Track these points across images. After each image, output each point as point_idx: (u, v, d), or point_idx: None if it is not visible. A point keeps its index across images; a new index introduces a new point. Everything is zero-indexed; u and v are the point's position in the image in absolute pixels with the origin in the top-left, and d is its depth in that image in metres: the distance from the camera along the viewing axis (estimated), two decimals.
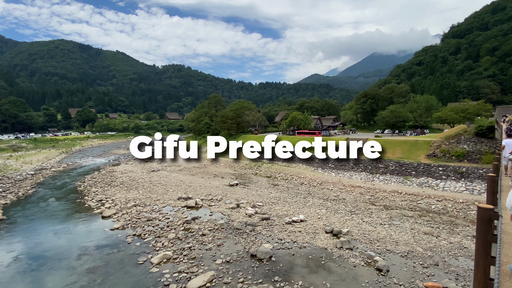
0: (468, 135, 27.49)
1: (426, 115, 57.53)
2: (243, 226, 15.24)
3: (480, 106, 51.60)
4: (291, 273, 10.79)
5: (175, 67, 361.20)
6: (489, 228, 2.63)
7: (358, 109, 75.81)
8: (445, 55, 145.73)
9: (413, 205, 19.79)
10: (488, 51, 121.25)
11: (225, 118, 56.41)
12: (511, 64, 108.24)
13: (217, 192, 23.45)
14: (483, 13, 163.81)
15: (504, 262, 3.53)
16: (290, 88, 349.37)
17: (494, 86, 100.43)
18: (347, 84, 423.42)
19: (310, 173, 30.25)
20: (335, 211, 18.46)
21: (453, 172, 23.75)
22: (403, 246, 13.02)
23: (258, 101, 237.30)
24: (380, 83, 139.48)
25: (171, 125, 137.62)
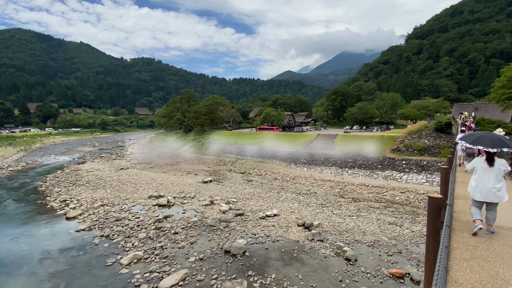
0: (429, 130, 29.51)
1: (391, 111, 60.76)
2: (217, 223, 15.18)
3: (439, 103, 55.52)
4: (265, 267, 10.96)
5: (145, 61, 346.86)
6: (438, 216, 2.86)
7: (328, 106, 78.23)
8: (409, 55, 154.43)
9: (379, 197, 20.92)
10: (447, 52, 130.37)
11: (198, 114, 55.41)
12: (467, 64, 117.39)
13: (190, 189, 23.07)
14: (443, 16, 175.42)
15: (454, 247, 3.87)
16: (264, 84, 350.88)
17: (452, 85, 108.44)
18: (318, 82, 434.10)
19: (284, 168, 30.77)
20: (307, 204, 18.98)
21: (415, 165, 25.40)
22: (370, 236, 13.72)
23: (232, 97, 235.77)
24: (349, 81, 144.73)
25: (141, 121, 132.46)
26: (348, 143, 33.08)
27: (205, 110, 56.31)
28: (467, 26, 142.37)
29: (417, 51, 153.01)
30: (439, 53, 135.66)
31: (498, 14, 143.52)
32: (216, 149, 43.38)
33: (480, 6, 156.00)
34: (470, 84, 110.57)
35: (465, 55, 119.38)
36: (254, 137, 44.37)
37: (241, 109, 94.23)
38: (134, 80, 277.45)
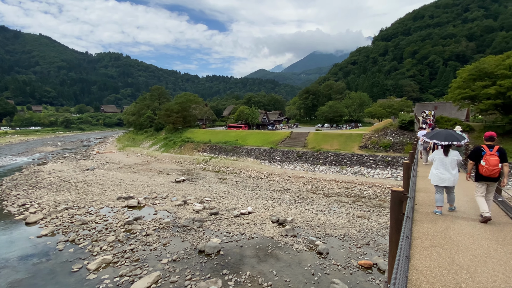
0: (393, 128, 31.24)
1: (359, 110, 63.46)
2: (191, 223, 14.94)
3: (403, 102, 58.98)
4: (240, 265, 10.99)
5: (112, 55, 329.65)
6: (400, 208, 3.07)
7: (301, 105, 79.92)
8: (375, 56, 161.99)
9: (349, 192, 21.81)
10: (410, 54, 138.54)
11: (170, 111, 53.91)
12: (428, 66, 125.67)
13: (162, 189, 22.45)
14: (406, 19, 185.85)
15: (415, 237, 4.17)
16: (238, 82, 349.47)
17: (414, 85, 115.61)
18: (291, 80, 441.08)
19: (258, 166, 30.97)
20: (281, 201, 19.29)
21: (381, 161, 26.79)
22: (340, 229, 14.27)
23: (205, 95, 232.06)
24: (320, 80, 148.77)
25: (108, 119, 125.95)
26: (319, 140, 34.05)
27: (177, 107, 54.92)
28: (428, 30, 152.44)
29: (383, 52, 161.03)
30: (402, 54, 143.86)
31: (455, 19, 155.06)
32: (189, 148, 42.57)
33: (439, 12, 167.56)
34: (430, 84, 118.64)
35: (426, 57, 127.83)
36: (228, 135, 44.14)
37: (215, 107, 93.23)
38: (101, 76, 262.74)
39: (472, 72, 26.72)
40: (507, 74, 23.84)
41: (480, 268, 3.39)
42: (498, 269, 3.38)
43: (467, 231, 4.52)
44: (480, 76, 26.16)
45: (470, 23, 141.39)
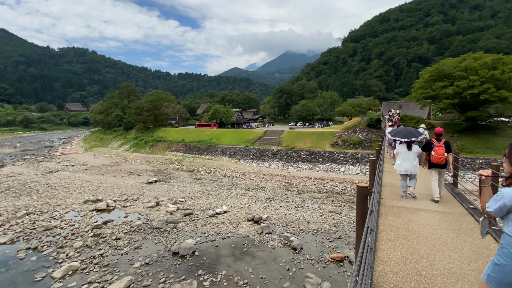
0: (362, 126, 32.64)
1: (330, 109, 65.52)
2: (164, 225, 14.58)
3: (370, 101, 61.83)
4: (215, 265, 10.93)
5: (77, 51, 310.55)
6: (365, 203, 3.25)
7: (275, 103, 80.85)
8: (345, 57, 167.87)
9: (321, 188, 22.50)
10: (377, 55, 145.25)
11: (141, 110, 51.99)
12: (393, 67, 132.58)
13: (132, 191, 21.64)
14: (374, 22, 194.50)
15: (381, 230, 4.42)
16: (212, 80, 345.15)
17: (381, 85, 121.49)
18: (265, 79, 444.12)
19: (233, 165, 30.90)
20: (256, 199, 19.43)
21: (351, 158, 27.90)
22: (313, 225, 14.69)
23: (178, 93, 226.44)
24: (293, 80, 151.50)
25: (73, 117, 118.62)
26: (293, 138, 34.70)
27: (148, 106, 53.08)
28: (393, 33, 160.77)
29: (352, 53, 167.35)
30: (370, 56, 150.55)
31: (417, 23, 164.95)
32: (162, 148, 41.41)
33: (403, 16, 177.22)
34: (395, 84, 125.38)
35: (392, 59, 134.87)
36: (203, 134, 43.54)
37: (188, 105, 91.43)
38: (64, 72, 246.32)
39: (433, 73, 28.65)
40: (463, 75, 25.86)
41: (438, 256, 3.69)
42: (454, 257, 3.70)
43: (427, 222, 4.88)
44: (439, 77, 28.12)
45: (431, 27, 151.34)
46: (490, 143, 25.36)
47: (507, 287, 1.92)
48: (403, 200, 6.35)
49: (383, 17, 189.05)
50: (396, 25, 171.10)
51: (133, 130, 55.04)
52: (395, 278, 3.18)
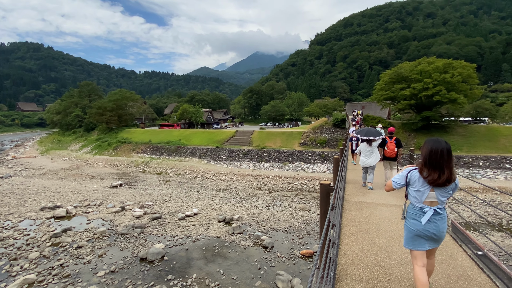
0: (328, 126, 33.94)
1: (299, 109, 67.27)
2: (130, 230, 13.97)
3: (336, 102, 64.51)
4: (186, 268, 10.73)
5: (30, 46, 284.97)
6: (328, 199, 3.44)
7: (245, 104, 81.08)
8: (312, 59, 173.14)
9: (291, 187, 23.02)
10: (341, 58, 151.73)
11: (103, 109, 49.21)
12: (356, 69, 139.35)
13: (95, 196, 20.44)
14: (338, 26, 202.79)
15: (344, 224, 4.68)
16: (180, 79, 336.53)
17: (345, 86, 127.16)
18: (235, 79, 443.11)
19: (203, 166, 30.46)
20: (227, 200, 19.36)
21: (318, 157, 28.89)
22: (283, 222, 14.99)
23: (143, 92, 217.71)
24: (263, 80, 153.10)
25: (27, 118, 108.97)
26: (263, 138, 35.08)
27: (111, 105, 50.38)
28: (356, 37, 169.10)
29: (318, 55, 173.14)
30: (335, 58, 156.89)
31: (378, 28, 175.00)
32: (127, 149, 39.57)
33: (365, 21, 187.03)
34: (358, 86, 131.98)
35: (355, 62, 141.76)
36: (171, 134, 42.34)
37: (155, 105, 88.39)
38: (16, 68, 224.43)
39: (392, 76, 30.65)
40: (419, 78, 27.99)
41: (396, 247, 3.99)
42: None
43: (386, 216, 5.25)
44: (398, 80, 30.16)
45: (390, 32, 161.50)
46: None
47: (414, 238, 2.91)
48: (365, 196, 6.75)
49: (347, 22, 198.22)
50: (359, 30, 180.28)
51: (95, 131, 51.94)
52: (357, 270, 3.39)
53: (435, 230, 2.80)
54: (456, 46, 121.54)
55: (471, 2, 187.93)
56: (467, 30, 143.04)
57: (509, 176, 22.23)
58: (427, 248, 2.86)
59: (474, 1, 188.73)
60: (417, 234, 2.87)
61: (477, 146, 26.33)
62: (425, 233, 2.82)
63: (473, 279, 3.28)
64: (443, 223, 2.83)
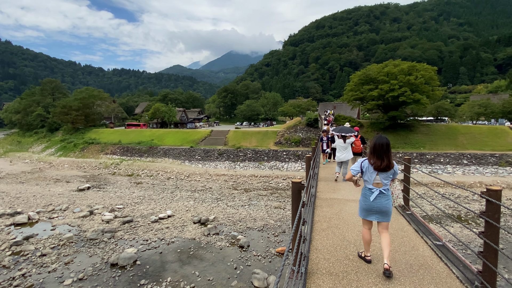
0: (302, 125, 34.70)
1: (273, 109, 68.08)
2: (99, 235, 13.36)
3: (309, 102, 66.07)
4: (160, 272, 10.47)
5: None
6: (299, 197, 3.56)
7: (220, 103, 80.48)
8: (286, 59, 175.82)
9: (266, 185, 23.27)
10: (314, 59, 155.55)
11: (68, 109, 46.44)
12: (328, 71, 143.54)
13: (60, 200, 19.28)
14: (310, 28, 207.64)
15: (316, 220, 4.85)
16: (152, 77, 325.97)
17: (318, 87, 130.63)
18: (209, 78, 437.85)
19: (177, 167, 29.82)
20: (203, 200, 19.14)
21: (293, 155, 29.45)
22: (259, 221, 15.13)
23: (112, 90, 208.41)
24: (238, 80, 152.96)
25: None
26: (239, 138, 35.07)
27: (77, 104, 47.66)
28: (328, 39, 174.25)
29: (292, 56, 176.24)
30: (308, 59, 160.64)
31: (348, 31, 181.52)
32: (95, 150, 37.69)
33: (336, 23, 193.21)
34: (330, 87, 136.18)
35: (327, 63, 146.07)
36: (142, 134, 40.95)
37: (125, 104, 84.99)
38: None
39: (361, 77, 31.99)
40: (386, 79, 29.47)
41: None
42: (375, 240, 4.27)
43: (355, 211, 5.51)
44: (366, 81, 31.54)
45: (359, 35, 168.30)
46: (408, 139, 29.48)
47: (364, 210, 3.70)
48: (336, 192, 7.02)
49: (319, 24, 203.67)
50: (330, 32, 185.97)
51: (60, 132, 48.88)
52: (327, 264, 3.54)
53: (380, 206, 3.63)
54: (419, 49, 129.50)
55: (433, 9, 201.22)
56: (429, 35, 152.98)
57: (466, 171, 24.14)
58: (374, 219, 3.68)
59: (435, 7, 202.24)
60: (366, 208, 3.70)
61: (438, 144, 28.29)
62: (372, 207, 3.66)
63: (433, 268, 3.56)
64: (386, 201, 3.64)
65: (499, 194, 3.32)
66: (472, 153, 25.79)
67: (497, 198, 3.29)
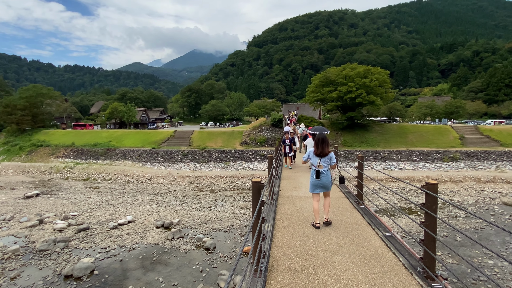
0: (267, 125, 35.29)
1: (239, 109, 68.23)
2: (51, 245, 12.33)
3: (273, 103, 67.34)
4: (121, 281, 9.98)
5: None
6: (259, 196, 3.70)
7: (184, 102, 78.52)
8: (250, 60, 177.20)
9: (233, 186, 23.28)
10: (278, 61, 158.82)
11: (12, 108, 41.92)
12: (291, 72, 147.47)
13: (4, 209, 17.40)
14: (274, 30, 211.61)
15: (278, 218, 5.04)
16: (109, 75, 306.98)
17: (282, 88, 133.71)
18: (172, 77, 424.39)
19: (138, 169, 28.51)
20: (166, 204, 18.58)
21: (258, 155, 29.83)
22: (226, 222, 15.11)
23: (64, 88, 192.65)
24: (202, 79, 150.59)
25: None
26: (204, 138, 34.57)
27: (23, 103, 43.15)
28: (290, 41, 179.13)
29: (256, 57, 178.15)
30: (272, 61, 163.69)
31: (309, 34, 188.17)
32: (44, 154, 34.53)
33: (298, 26, 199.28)
34: (293, 88, 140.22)
35: (290, 65, 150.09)
36: (99, 136, 38.45)
37: (79, 103, 79.11)
38: None
39: (321, 79, 33.44)
40: (344, 82, 31.15)
41: (321, 235, 4.48)
42: (333, 234, 4.56)
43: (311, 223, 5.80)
44: (326, 83, 33.04)
45: (320, 39, 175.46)
46: (364, 138, 31.47)
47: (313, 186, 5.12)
48: (297, 190, 7.32)
49: (282, 26, 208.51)
50: (293, 35, 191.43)
51: (2, 134, 43.95)
52: (287, 260, 3.72)
53: (322, 182, 5.14)
54: (374, 54, 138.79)
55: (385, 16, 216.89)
56: (382, 41, 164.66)
57: (415, 167, 26.48)
58: (319, 191, 5.19)
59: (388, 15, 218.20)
60: (314, 184, 5.18)
61: (391, 142, 30.64)
62: (317, 183, 5.15)
63: (382, 257, 3.91)
64: (326, 178, 5.15)
65: (435, 187, 3.75)
66: (420, 150, 28.37)
67: (434, 191, 3.72)
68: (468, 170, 25.39)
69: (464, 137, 31.26)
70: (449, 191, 20.68)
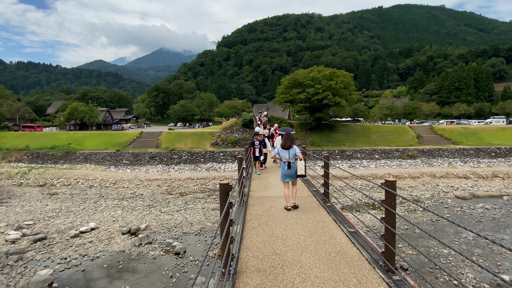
0: (238, 126, 35.29)
1: (209, 110, 67.45)
2: (2, 258, 11.25)
3: (244, 104, 67.60)
4: None
5: None
6: (227, 198, 3.73)
7: (151, 102, 75.81)
8: (220, 60, 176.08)
9: (203, 188, 22.94)
10: (247, 62, 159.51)
11: None
12: (261, 73, 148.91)
13: None
14: (243, 31, 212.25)
15: (247, 219, 5.09)
16: (68, 73, 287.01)
17: (252, 89, 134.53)
18: (137, 76, 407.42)
19: (101, 173, 26.96)
20: (133, 208, 17.80)
21: (229, 156, 29.72)
22: (196, 225, 14.85)
23: (17, 86, 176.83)
24: (170, 79, 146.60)
25: None
26: (173, 140, 33.65)
27: None
28: (260, 43, 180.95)
29: (226, 57, 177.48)
30: (242, 62, 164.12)
31: (278, 37, 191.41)
32: None
33: (267, 28, 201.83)
34: (264, 89, 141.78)
35: (259, 66, 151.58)
36: (57, 138, 35.77)
37: (34, 103, 73.00)
38: None
39: (290, 81, 34.20)
40: (311, 84, 32.13)
41: (290, 234, 4.61)
42: (301, 233, 4.70)
43: (283, 207, 5.96)
44: (295, 85, 33.86)
45: (288, 41, 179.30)
46: (331, 138, 32.73)
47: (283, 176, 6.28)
48: (267, 190, 7.44)
49: (251, 28, 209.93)
50: (262, 36, 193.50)
51: None
52: (256, 261, 3.78)
53: (290, 172, 6.17)
54: (339, 57, 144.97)
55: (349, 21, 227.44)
56: (347, 45, 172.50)
57: (378, 165, 28.08)
58: (288, 180, 6.22)
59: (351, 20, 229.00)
60: (284, 174, 6.22)
61: (355, 141, 32.19)
62: (286, 173, 6.18)
63: (347, 253, 4.11)
64: (294, 169, 6.13)
65: (394, 184, 4.01)
66: (382, 148, 30.16)
67: (393, 188, 3.97)
68: (425, 167, 27.49)
69: (421, 136, 33.81)
70: (408, 186, 22.22)
